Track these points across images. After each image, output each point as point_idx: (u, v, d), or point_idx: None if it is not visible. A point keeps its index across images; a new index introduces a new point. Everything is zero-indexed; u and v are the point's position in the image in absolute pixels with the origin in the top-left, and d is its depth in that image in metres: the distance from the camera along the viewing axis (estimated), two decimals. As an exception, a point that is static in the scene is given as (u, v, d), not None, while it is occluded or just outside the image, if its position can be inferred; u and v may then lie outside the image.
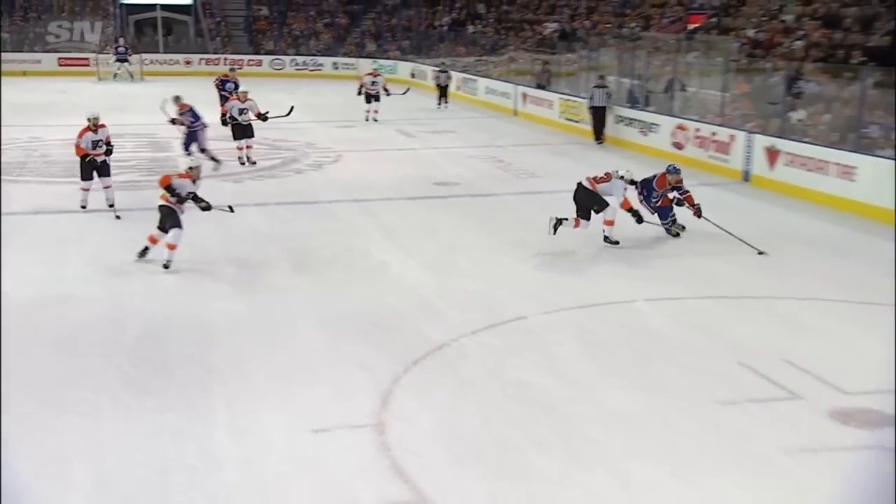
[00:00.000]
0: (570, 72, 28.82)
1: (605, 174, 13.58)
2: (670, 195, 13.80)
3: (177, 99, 19.09)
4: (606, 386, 8.62)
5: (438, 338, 9.73)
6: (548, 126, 27.49)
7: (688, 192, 13.78)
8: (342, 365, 8.98)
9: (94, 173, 14.59)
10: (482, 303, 10.88)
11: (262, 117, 18.89)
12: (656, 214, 14.05)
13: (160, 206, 11.72)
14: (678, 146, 21.16)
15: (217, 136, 19.83)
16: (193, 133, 18.93)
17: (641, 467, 7.16)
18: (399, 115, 26.41)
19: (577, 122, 26.01)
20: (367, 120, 26.70)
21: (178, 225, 11.61)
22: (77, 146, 14.27)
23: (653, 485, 6.93)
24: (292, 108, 20.80)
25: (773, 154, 18.17)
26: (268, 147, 22.60)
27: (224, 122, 19.23)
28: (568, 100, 27.02)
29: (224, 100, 25.13)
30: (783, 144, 18.03)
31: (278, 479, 6.98)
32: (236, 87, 25.34)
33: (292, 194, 17.33)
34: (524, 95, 30.19)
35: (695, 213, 13.77)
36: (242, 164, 19.19)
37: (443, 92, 30.94)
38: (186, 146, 19.04)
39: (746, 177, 18.80)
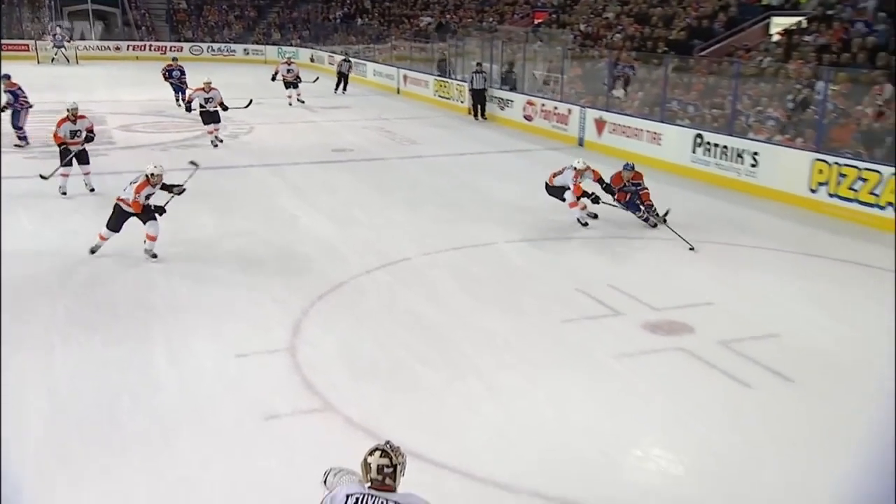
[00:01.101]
0: (442, 58, 28.70)
1: (562, 168, 12.15)
2: (629, 191, 11.93)
3: (6, 77, 17.81)
4: (476, 312, 8.74)
5: (339, 277, 9.72)
6: (425, 102, 27.35)
7: (645, 189, 11.93)
8: (260, 301, 8.94)
9: (74, 160, 13.05)
10: (375, 248, 10.86)
11: (224, 107, 17.92)
12: (629, 210, 12.10)
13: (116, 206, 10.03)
14: (528, 118, 21.29)
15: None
16: (17, 112, 17.70)
17: (504, 375, 7.33)
18: (304, 94, 25.91)
19: (447, 98, 26.02)
20: (290, 105, 25.34)
21: (152, 217, 10.04)
22: (55, 135, 12.89)
23: (513, 388, 7.12)
24: (251, 101, 20.13)
25: (600, 124, 18.46)
26: (191, 120, 22.09)
27: (189, 110, 18.35)
28: (440, 80, 26.99)
29: (177, 89, 24.41)
30: (608, 116, 18.38)
31: (210, 398, 6.99)
32: (182, 73, 24.61)
33: (214, 160, 16.90)
34: (405, 77, 29.96)
35: (644, 211, 11.86)
36: (215, 146, 18.05)
37: (344, 79, 29.77)
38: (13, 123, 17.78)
39: (581, 142, 19.03)
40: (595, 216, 12.17)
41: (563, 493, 5.55)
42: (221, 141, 18.22)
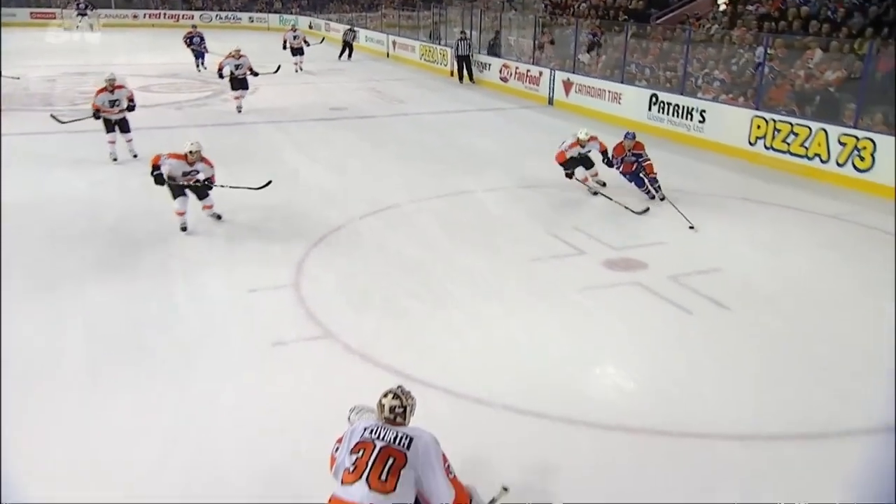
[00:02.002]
0: (426, 25, 28.33)
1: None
2: (630, 161, 10.61)
3: None
4: (457, 252, 8.80)
5: (337, 222, 9.72)
6: (412, 66, 27.08)
7: (648, 160, 10.55)
8: (267, 243, 8.97)
9: (116, 128, 12.16)
10: (368, 195, 10.84)
11: (254, 73, 17.28)
12: (634, 184, 10.84)
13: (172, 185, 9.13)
14: (504, 80, 21.15)
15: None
16: None
17: (482, 307, 7.41)
18: (306, 58, 25.56)
19: (432, 62, 25.74)
20: (296, 72, 24.33)
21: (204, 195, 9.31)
22: (93, 103, 11.94)
23: (490, 318, 7.21)
24: (279, 66, 19.76)
25: (568, 85, 18.36)
26: (202, 82, 21.87)
27: (220, 76, 17.22)
28: (425, 45, 26.68)
29: (198, 55, 23.84)
30: (575, 78, 18.24)
31: (224, 326, 7.04)
32: (202, 39, 24.03)
33: (223, 118, 16.84)
34: (394, 42, 29.62)
35: (650, 183, 10.61)
36: (239, 111, 17.21)
37: (349, 47, 29.10)
38: None
39: (551, 101, 18.89)
40: (604, 184, 11.22)
41: (533, 407, 5.64)
42: (240, 111, 17.38)
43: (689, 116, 14.45)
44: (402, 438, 3.69)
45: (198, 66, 23.61)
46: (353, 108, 18.44)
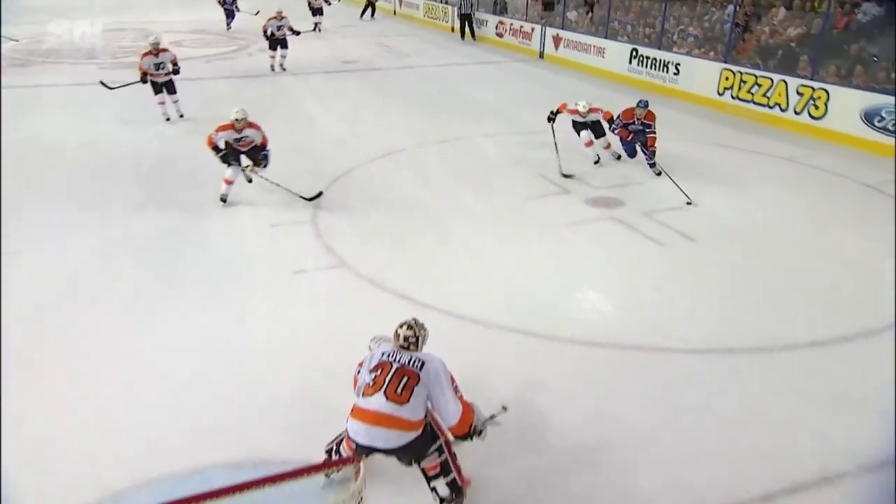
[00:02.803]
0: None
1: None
2: (636, 129, 9.23)
3: None
4: (458, 191, 8.85)
5: (350, 164, 9.76)
6: (417, 23, 26.63)
7: (653, 133, 9.15)
8: (289, 183, 8.92)
9: (164, 89, 11.53)
10: (378, 140, 10.85)
11: (295, 32, 16.77)
12: (625, 152, 9.85)
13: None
14: (500, 35, 20.83)
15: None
16: None
17: (480, 240, 7.49)
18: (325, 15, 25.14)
19: (435, 19, 25.30)
20: (316, 31, 22.71)
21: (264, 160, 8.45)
22: (140, 66, 11.34)
23: (486, 249, 7.30)
24: (317, 25, 19.36)
25: (557, 40, 18.09)
26: (228, 38, 21.58)
27: (266, 37, 16.45)
28: (429, 3, 26.15)
29: (230, 15, 23.16)
30: (563, 34, 17.95)
31: (251, 256, 7.15)
32: (234, 0, 23.32)
33: (247, 70, 16.69)
34: (400, 0, 29.07)
35: (647, 158, 9.32)
36: (273, 69, 16.56)
37: (372, 7, 27.67)
38: None
39: (542, 55, 18.63)
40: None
41: (523, 327, 5.77)
42: (285, 69, 16.67)
43: (666, 69, 14.31)
44: (415, 361, 3.77)
45: (228, 25, 23.14)
46: (364, 62, 18.22)
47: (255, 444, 4.45)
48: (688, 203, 8.35)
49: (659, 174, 9.20)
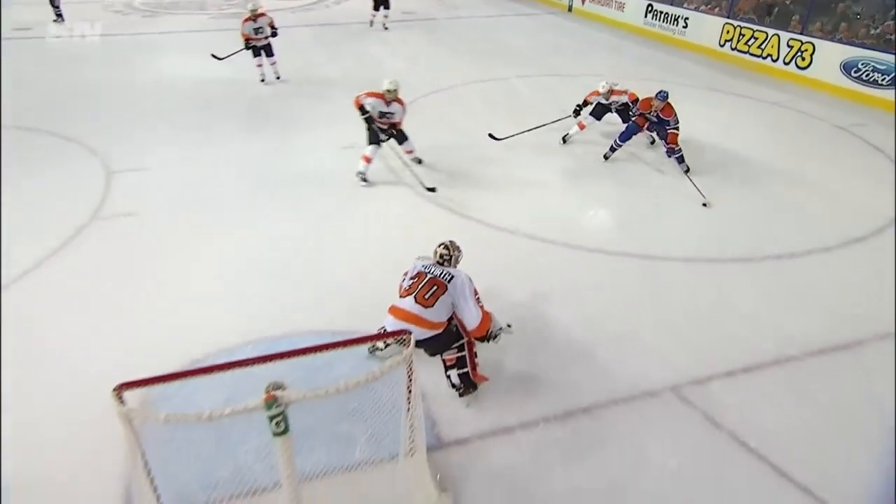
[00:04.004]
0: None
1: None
2: (651, 120, 7.19)
3: None
4: (496, 122, 8.61)
5: (409, 97, 9.38)
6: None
7: (673, 129, 7.03)
8: (354, 121, 8.85)
9: (262, 52, 10.30)
10: (432, 79, 10.68)
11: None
12: (618, 137, 7.53)
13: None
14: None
15: None
16: None
17: (513, 163, 7.48)
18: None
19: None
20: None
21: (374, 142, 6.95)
22: (241, 32, 10.13)
23: (518, 173, 7.28)
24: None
25: (584, -5, 17.46)
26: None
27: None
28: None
29: None
30: (590, -10, 17.29)
31: (327, 173, 7.21)
32: None
33: (326, 20, 16.38)
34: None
35: (668, 153, 7.13)
36: (372, 24, 15.22)
37: None
38: None
39: (570, 9, 17.91)
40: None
41: (544, 236, 5.87)
42: (387, 28, 15.18)
43: (676, 22, 13.71)
44: (445, 275, 3.84)
45: None
46: (420, 13, 17.72)
47: (330, 317, 4.69)
48: (703, 204, 6.61)
49: (687, 171, 7.06)
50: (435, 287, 3.79)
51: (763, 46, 11.48)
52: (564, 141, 8.11)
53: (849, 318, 4.84)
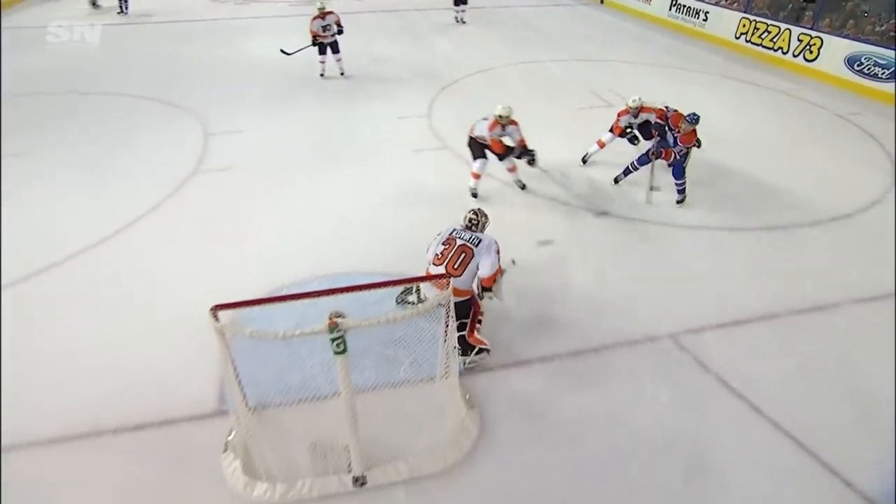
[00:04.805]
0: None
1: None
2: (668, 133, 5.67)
3: None
4: (531, 99, 8.50)
5: (456, 76, 9.50)
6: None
7: (677, 149, 5.61)
8: (411, 88, 8.91)
9: (328, 49, 9.27)
10: (475, 61, 10.36)
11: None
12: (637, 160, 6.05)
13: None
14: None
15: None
16: None
17: (545, 134, 7.24)
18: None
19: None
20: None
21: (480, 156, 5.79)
22: (311, 30, 9.11)
23: (547, 142, 6.99)
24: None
25: (616, -11, 16.64)
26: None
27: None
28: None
29: None
30: (621, -16, 16.46)
31: (387, 136, 7.19)
32: None
33: (389, 6, 15.77)
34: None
35: (671, 157, 5.70)
36: (456, 19, 13.96)
37: None
38: None
39: (602, 1, 17.17)
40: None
41: (566, 200, 5.80)
42: (464, 22, 13.79)
43: (697, 15, 13.02)
44: (473, 239, 3.77)
45: None
46: (472, 2, 17.10)
47: (382, 262, 4.78)
48: (652, 189, 5.88)
49: (680, 198, 5.84)
50: (463, 254, 3.72)
51: (775, 40, 10.87)
52: (584, 162, 6.68)
53: (828, 284, 4.73)
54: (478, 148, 5.77)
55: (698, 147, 5.84)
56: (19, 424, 3.51)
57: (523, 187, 6.05)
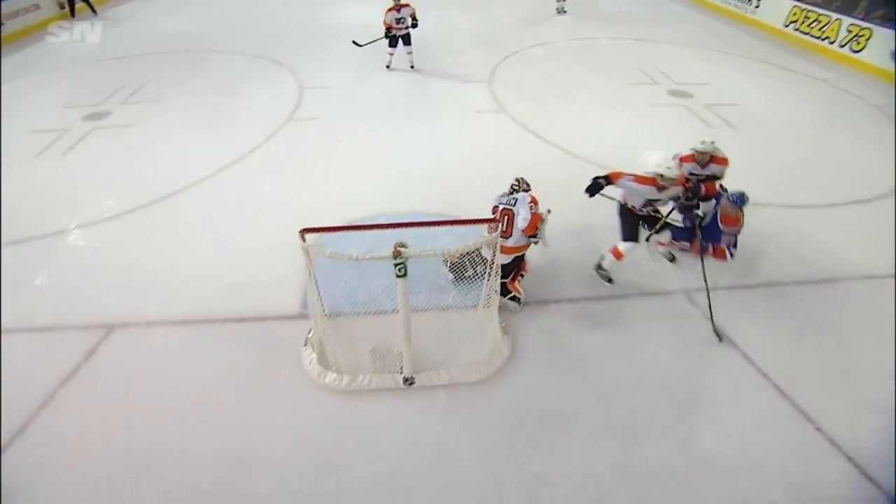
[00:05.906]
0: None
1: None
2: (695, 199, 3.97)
3: None
4: (582, 72, 8.15)
5: (516, 47, 9.15)
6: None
7: (705, 200, 3.99)
8: (476, 56, 8.65)
9: (400, 42, 8.03)
10: (536, 35, 9.89)
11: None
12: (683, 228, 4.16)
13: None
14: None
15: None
16: None
17: (590, 107, 7.05)
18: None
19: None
20: None
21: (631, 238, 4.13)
22: (384, 21, 7.94)
23: (592, 114, 6.86)
24: None
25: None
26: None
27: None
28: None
29: None
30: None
31: (451, 100, 7.09)
32: None
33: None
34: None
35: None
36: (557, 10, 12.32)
37: None
38: None
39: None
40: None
41: (604, 162, 5.58)
42: (565, 12, 12.27)
43: (749, 2, 11.87)
44: (512, 200, 3.77)
45: None
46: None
47: (441, 205, 4.84)
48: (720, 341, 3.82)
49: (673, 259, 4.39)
50: (506, 217, 3.73)
51: (824, 29, 9.83)
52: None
53: (834, 260, 4.47)
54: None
55: (738, 233, 3.93)
56: (158, 308, 3.87)
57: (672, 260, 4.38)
